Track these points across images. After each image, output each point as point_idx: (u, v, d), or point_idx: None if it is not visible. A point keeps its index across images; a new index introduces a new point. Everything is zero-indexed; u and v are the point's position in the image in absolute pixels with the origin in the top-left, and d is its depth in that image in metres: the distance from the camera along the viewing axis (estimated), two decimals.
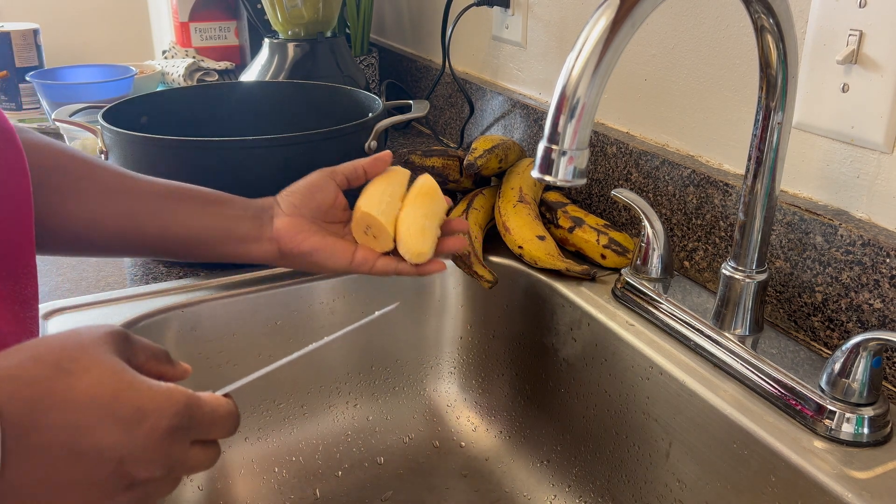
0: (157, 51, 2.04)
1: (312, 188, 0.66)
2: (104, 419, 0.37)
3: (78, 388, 0.37)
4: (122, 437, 0.37)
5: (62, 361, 0.37)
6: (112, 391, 0.38)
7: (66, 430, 0.36)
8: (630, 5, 0.45)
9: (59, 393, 0.37)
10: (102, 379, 0.38)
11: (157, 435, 0.38)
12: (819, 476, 0.52)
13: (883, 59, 0.58)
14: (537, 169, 0.48)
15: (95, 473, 0.37)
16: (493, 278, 0.76)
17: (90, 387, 0.37)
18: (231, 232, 0.66)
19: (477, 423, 0.85)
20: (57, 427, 0.36)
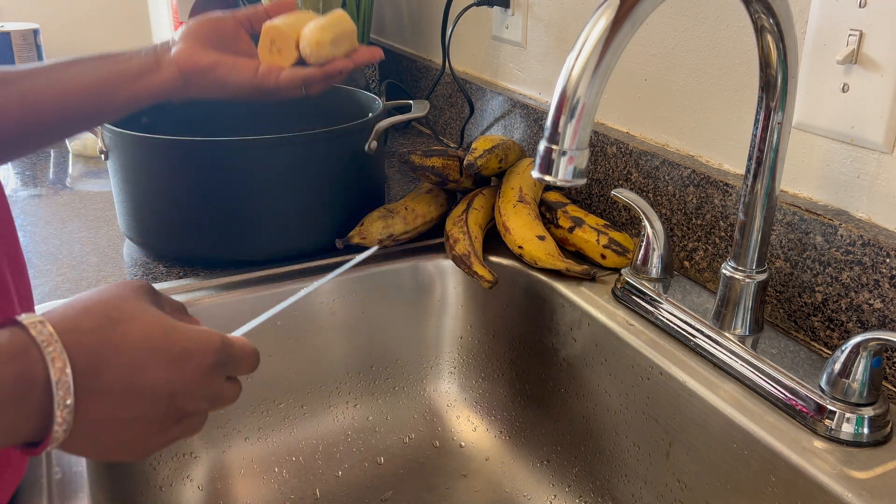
0: None
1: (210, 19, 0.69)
2: (156, 360, 0.41)
3: (130, 335, 0.41)
4: (173, 375, 0.42)
5: (110, 312, 0.42)
6: (160, 335, 0.42)
7: (125, 371, 0.40)
8: (630, 5, 0.45)
9: (115, 339, 0.41)
10: (149, 325, 0.42)
11: (201, 371, 0.43)
12: (819, 476, 0.52)
13: (883, 59, 0.58)
14: (537, 169, 0.48)
15: (151, 408, 0.42)
16: (493, 278, 0.76)
17: (140, 332, 0.42)
18: (126, 72, 0.66)
19: (477, 423, 0.85)
20: (117, 369, 0.40)
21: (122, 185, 0.82)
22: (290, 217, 0.81)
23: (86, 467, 0.54)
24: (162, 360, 0.42)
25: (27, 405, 0.38)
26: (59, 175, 1.11)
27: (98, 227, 0.91)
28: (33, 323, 0.39)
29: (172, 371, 0.42)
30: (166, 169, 0.79)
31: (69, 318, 0.40)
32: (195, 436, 0.77)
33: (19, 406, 0.38)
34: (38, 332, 0.39)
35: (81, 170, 1.13)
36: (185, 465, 0.76)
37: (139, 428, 0.42)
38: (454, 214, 0.83)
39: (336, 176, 0.82)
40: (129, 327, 0.41)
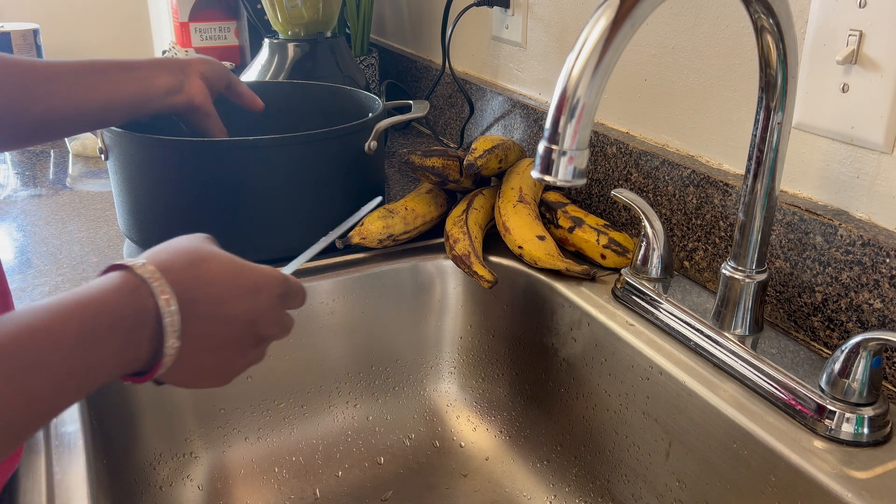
0: (156, 51, 2.04)
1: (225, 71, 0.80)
2: (235, 291, 0.48)
3: (213, 271, 0.48)
4: (251, 304, 0.49)
5: (193, 253, 0.48)
6: (233, 271, 0.49)
7: (215, 301, 0.47)
8: (630, 5, 0.45)
9: (202, 276, 0.47)
10: (223, 263, 0.49)
11: (272, 301, 0.51)
12: (819, 476, 0.52)
13: (883, 59, 0.58)
14: (537, 169, 0.48)
15: (236, 333, 0.49)
16: (492, 278, 0.76)
17: (220, 268, 0.48)
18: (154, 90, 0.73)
19: (477, 423, 0.85)
20: (208, 300, 0.47)
21: (122, 185, 0.82)
22: (290, 217, 0.81)
23: (85, 467, 0.54)
24: (241, 292, 0.49)
25: (142, 336, 0.44)
26: (59, 175, 1.11)
27: (98, 227, 0.91)
28: (137, 264, 0.45)
29: (250, 301, 0.49)
30: (166, 169, 0.79)
31: (162, 259, 0.46)
32: (197, 434, 0.77)
33: (137, 336, 0.44)
34: (143, 271, 0.45)
35: (81, 170, 1.13)
36: (185, 465, 0.76)
37: (227, 352, 0.49)
38: (454, 214, 0.83)
39: (336, 176, 0.82)
40: (210, 265, 0.48)
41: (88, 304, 0.42)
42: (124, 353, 0.43)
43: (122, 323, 0.43)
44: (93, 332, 0.41)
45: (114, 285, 0.44)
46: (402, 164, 0.85)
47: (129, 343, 0.43)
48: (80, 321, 0.41)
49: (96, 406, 0.65)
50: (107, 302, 0.43)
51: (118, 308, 0.43)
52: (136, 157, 0.79)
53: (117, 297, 0.43)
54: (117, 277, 0.44)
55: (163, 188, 0.80)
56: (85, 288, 0.43)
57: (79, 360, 0.40)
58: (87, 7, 1.99)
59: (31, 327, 0.39)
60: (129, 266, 0.45)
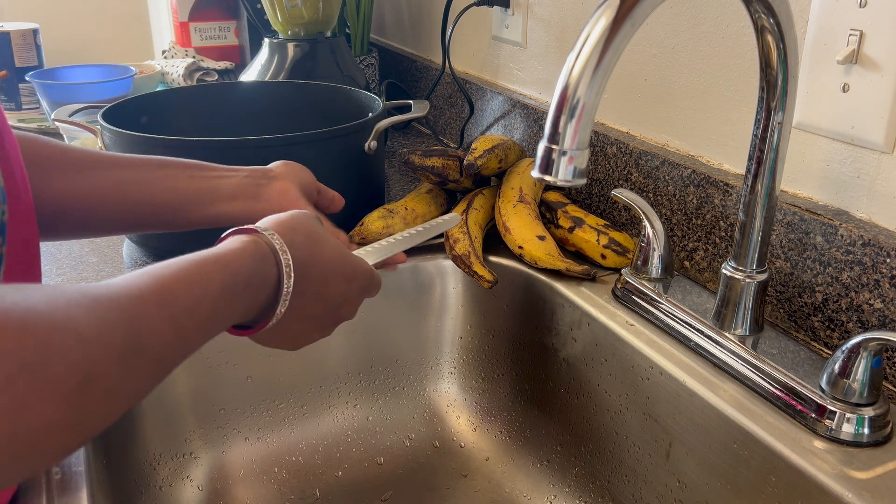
0: (156, 51, 2.04)
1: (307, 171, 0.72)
2: (337, 275, 0.54)
3: (324, 253, 0.53)
4: (345, 289, 0.55)
5: (310, 233, 0.53)
6: (339, 257, 0.55)
7: (318, 280, 0.53)
8: (630, 5, 0.45)
9: (316, 255, 0.52)
10: (334, 249, 0.54)
11: (360, 290, 0.57)
12: (819, 476, 0.52)
13: (883, 59, 0.58)
14: (537, 169, 0.48)
15: (325, 311, 0.54)
16: (493, 278, 0.76)
17: (330, 252, 0.54)
18: (218, 191, 0.66)
19: (477, 423, 0.85)
20: (314, 278, 0.52)
21: None
22: None
23: (85, 467, 0.54)
24: (341, 276, 0.54)
25: (261, 298, 0.49)
26: None
27: None
28: (270, 233, 0.50)
29: (345, 286, 0.55)
30: None
31: (286, 234, 0.51)
32: (197, 435, 0.77)
33: (260, 298, 0.48)
34: (274, 241, 0.49)
35: None
36: (185, 465, 0.76)
37: (313, 324, 0.54)
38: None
39: (336, 176, 0.82)
40: (323, 247, 0.53)
41: (228, 262, 0.46)
42: (249, 309, 0.48)
43: (252, 284, 0.47)
44: (232, 287, 0.45)
45: (248, 249, 0.48)
46: (402, 164, 0.85)
47: (252, 303, 0.48)
48: (223, 277, 0.45)
49: None
50: (244, 264, 0.47)
51: (252, 270, 0.47)
52: None
53: (251, 261, 0.47)
54: (249, 242, 0.48)
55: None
56: (219, 248, 0.47)
57: (220, 311, 0.44)
58: (87, 7, 1.99)
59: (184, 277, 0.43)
60: (260, 232, 0.49)
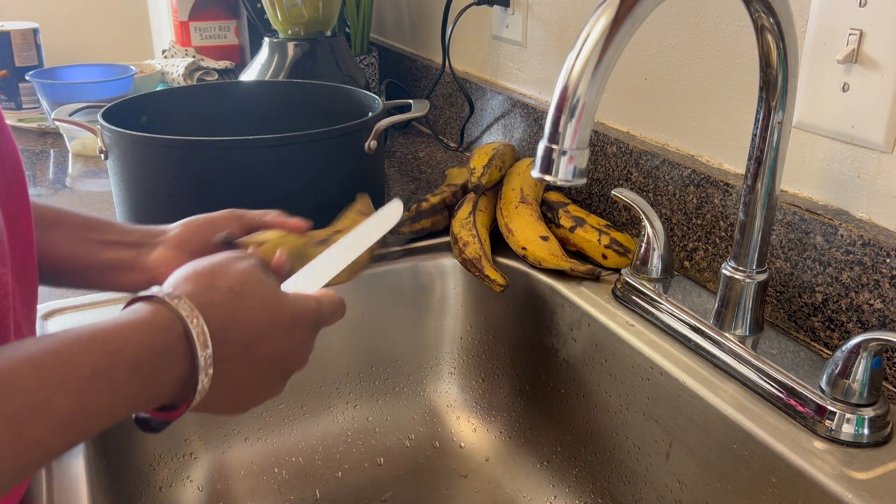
0: (156, 50, 2.03)
1: (210, 223, 0.61)
2: (272, 331, 0.46)
3: (250, 310, 0.45)
4: (284, 342, 0.47)
5: (234, 286, 0.46)
6: (273, 308, 0.47)
7: (247, 343, 0.45)
8: (630, 5, 0.45)
9: (238, 315, 0.45)
10: (265, 300, 0.47)
11: (306, 334, 0.49)
12: (819, 477, 0.51)
13: (883, 58, 0.58)
14: (537, 169, 0.48)
15: (267, 371, 0.47)
16: (504, 282, 0.75)
17: (258, 307, 0.46)
18: (96, 259, 0.59)
19: (477, 423, 0.85)
20: (240, 341, 0.45)
21: (122, 185, 0.82)
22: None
23: (85, 468, 0.54)
24: (277, 331, 0.47)
25: (172, 373, 0.41)
26: (59, 175, 1.11)
27: None
28: (173, 298, 0.42)
29: (285, 339, 0.47)
30: (166, 169, 0.79)
31: (198, 294, 0.44)
32: (197, 435, 0.77)
33: (167, 374, 0.41)
34: (180, 308, 0.42)
35: (81, 169, 1.13)
36: (185, 465, 0.76)
37: (255, 387, 0.47)
38: (460, 217, 0.83)
39: (336, 176, 0.82)
40: (248, 303, 0.46)
41: (105, 340, 0.38)
42: (144, 394, 0.40)
43: (145, 364, 0.39)
44: (107, 373, 0.38)
45: (140, 321, 0.40)
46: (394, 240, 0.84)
47: (151, 384, 0.40)
48: (94, 361, 0.37)
49: None
50: (129, 340, 0.39)
51: (143, 348, 0.39)
52: (136, 157, 0.79)
53: (143, 336, 0.40)
54: (147, 312, 0.41)
55: (163, 188, 0.80)
56: (106, 321, 0.40)
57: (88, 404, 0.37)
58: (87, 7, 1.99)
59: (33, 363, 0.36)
60: (163, 299, 0.42)
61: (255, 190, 0.78)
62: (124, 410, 0.40)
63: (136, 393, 0.39)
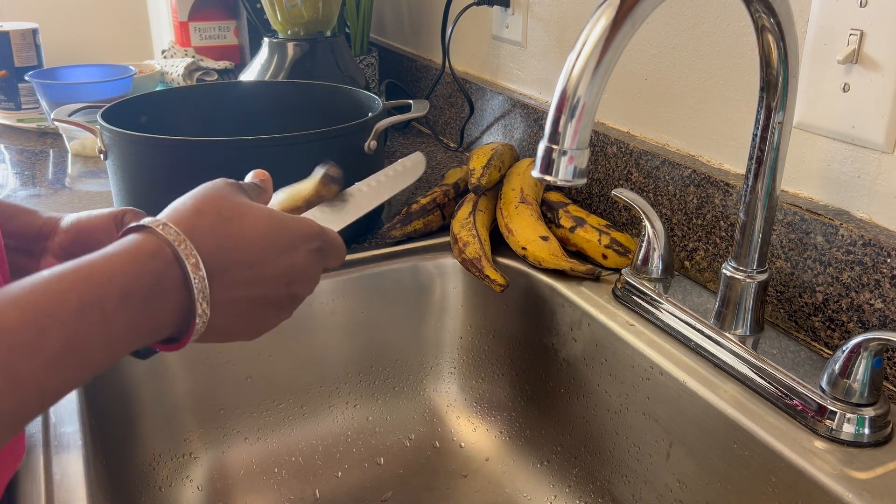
0: (156, 50, 2.03)
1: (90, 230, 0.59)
2: (273, 251, 0.45)
3: (245, 230, 0.44)
4: (287, 263, 0.46)
5: (221, 211, 0.44)
6: (268, 228, 0.45)
7: (248, 265, 0.44)
8: (630, 5, 0.45)
9: (233, 236, 0.43)
10: (258, 219, 0.45)
11: (309, 257, 0.47)
12: (820, 476, 0.51)
13: (883, 58, 0.58)
14: (538, 169, 0.48)
15: (273, 294, 0.46)
16: (504, 282, 0.75)
17: (253, 227, 0.45)
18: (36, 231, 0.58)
19: (477, 423, 0.85)
20: (241, 264, 0.43)
21: (122, 185, 0.82)
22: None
23: (85, 467, 0.54)
24: (278, 250, 0.45)
25: (169, 302, 0.40)
26: (59, 175, 1.11)
27: None
28: (158, 224, 0.41)
29: (287, 259, 0.46)
30: (166, 169, 0.79)
31: (186, 219, 0.42)
32: (197, 435, 0.77)
33: (163, 303, 0.40)
34: (166, 233, 0.41)
35: (80, 169, 1.13)
36: (185, 465, 0.76)
37: (263, 312, 0.46)
38: (460, 217, 0.83)
39: None
40: (241, 223, 0.44)
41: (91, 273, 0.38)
42: (140, 325, 0.39)
43: (137, 293, 0.38)
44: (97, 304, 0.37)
45: (126, 250, 0.40)
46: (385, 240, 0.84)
47: (146, 314, 0.39)
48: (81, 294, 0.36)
49: (95, 406, 0.65)
50: (116, 271, 0.38)
51: (132, 277, 0.39)
52: (135, 157, 0.79)
53: (131, 265, 0.39)
54: (134, 241, 0.40)
55: (162, 188, 0.79)
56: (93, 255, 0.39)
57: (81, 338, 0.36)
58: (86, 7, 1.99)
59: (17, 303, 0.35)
60: (149, 227, 0.41)
61: None
62: (124, 344, 0.39)
63: (132, 323, 0.39)
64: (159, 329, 0.41)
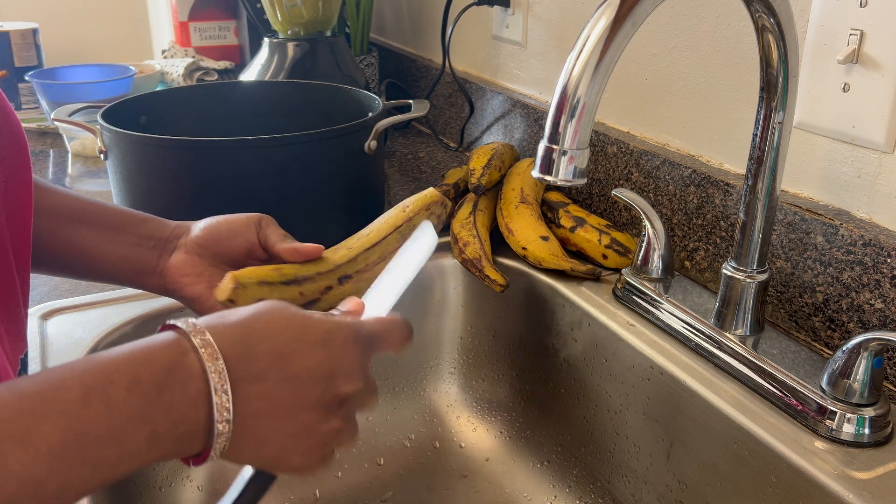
0: (156, 50, 2.03)
1: (229, 230, 0.61)
2: (304, 344, 0.41)
3: (273, 323, 0.41)
4: (324, 356, 0.42)
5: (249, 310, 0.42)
6: (302, 322, 0.42)
7: (276, 357, 0.40)
8: (630, 4, 0.45)
9: (258, 328, 0.41)
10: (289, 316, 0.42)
11: (348, 348, 0.43)
12: (820, 476, 0.51)
13: (884, 58, 0.58)
14: (538, 169, 0.48)
15: (309, 394, 0.41)
16: (505, 282, 0.75)
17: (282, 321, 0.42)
18: (125, 261, 0.59)
19: (477, 423, 0.85)
20: (267, 356, 0.40)
21: (122, 185, 0.82)
22: (290, 217, 0.80)
23: None
24: (309, 343, 0.42)
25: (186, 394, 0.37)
26: (59, 175, 1.11)
27: None
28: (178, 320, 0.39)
29: (322, 352, 0.42)
30: (166, 169, 0.79)
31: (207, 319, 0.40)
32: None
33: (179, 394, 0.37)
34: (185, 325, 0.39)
35: (80, 169, 1.13)
36: (185, 465, 0.76)
37: (302, 416, 0.41)
38: (461, 216, 0.83)
39: (336, 176, 0.82)
40: (271, 318, 0.41)
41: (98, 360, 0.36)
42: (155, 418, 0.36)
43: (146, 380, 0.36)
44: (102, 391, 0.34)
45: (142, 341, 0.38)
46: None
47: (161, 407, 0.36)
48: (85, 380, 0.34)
49: None
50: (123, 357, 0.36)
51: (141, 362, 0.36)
52: (135, 157, 0.79)
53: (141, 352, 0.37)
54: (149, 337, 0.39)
55: (162, 188, 0.79)
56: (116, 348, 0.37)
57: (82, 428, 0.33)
58: (86, 6, 1.99)
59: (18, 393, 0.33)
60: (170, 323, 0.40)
61: (255, 190, 0.78)
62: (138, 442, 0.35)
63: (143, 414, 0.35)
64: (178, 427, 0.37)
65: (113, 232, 0.60)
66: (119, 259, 0.60)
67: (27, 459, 0.32)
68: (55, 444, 0.32)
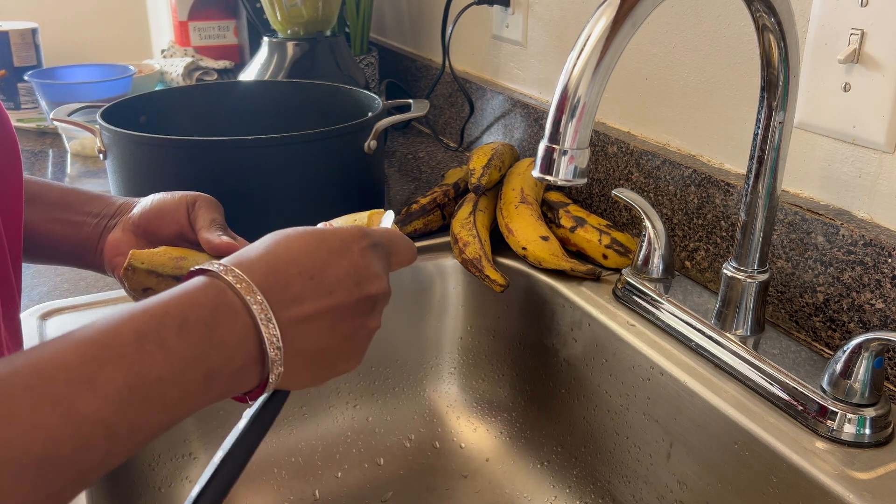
0: (155, 50, 2.03)
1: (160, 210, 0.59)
2: (324, 258, 0.43)
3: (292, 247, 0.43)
4: (348, 263, 0.44)
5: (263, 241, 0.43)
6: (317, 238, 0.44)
7: (307, 277, 0.42)
8: (631, 4, 0.45)
9: (282, 255, 0.42)
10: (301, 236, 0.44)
11: (367, 252, 0.45)
12: (820, 477, 0.51)
13: (884, 58, 0.58)
14: (538, 169, 0.48)
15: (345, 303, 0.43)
16: (505, 282, 0.75)
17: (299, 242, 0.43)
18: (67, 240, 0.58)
19: (477, 423, 0.85)
20: (298, 277, 0.42)
21: (121, 185, 0.82)
22: (290, 217, 0.80)
23: None
24: (332, 255, 0.43)
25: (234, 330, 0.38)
26: (58, 175, 1.11)
27: None
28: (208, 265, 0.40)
29: (345, 260, 0.44)
30: (165, 169, 0.78)
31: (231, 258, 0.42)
32: (196, 435, 0.77)
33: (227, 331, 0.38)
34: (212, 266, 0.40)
35: (80, 169, 1.13)
36: (184, 465, 0.76)
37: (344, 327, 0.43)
38: (461, 216, 0.83)
39: (336, 176, 0.82)
40: (288, 242, 0.43)
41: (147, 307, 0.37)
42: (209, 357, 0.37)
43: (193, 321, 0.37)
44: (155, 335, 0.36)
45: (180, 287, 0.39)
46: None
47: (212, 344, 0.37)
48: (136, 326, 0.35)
49: None
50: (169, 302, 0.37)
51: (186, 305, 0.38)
52: (135, 157, 0.79)
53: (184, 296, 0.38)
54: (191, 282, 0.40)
55: (162, 188, 0.79)
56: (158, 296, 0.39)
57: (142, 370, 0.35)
58: (86, 6, 1.99)
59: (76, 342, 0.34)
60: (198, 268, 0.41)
61: (254, 190, 0.78)
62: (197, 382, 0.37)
63: (198, 354, 0.37)
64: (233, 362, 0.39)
65: (56, 210, 0.58)
66: (62, 238, 0.58)
67: (97, 403, 0.33)
68: (121, 386, 0.34)
